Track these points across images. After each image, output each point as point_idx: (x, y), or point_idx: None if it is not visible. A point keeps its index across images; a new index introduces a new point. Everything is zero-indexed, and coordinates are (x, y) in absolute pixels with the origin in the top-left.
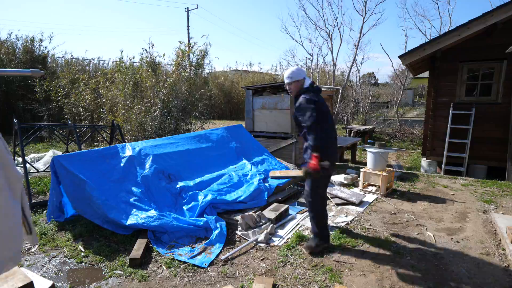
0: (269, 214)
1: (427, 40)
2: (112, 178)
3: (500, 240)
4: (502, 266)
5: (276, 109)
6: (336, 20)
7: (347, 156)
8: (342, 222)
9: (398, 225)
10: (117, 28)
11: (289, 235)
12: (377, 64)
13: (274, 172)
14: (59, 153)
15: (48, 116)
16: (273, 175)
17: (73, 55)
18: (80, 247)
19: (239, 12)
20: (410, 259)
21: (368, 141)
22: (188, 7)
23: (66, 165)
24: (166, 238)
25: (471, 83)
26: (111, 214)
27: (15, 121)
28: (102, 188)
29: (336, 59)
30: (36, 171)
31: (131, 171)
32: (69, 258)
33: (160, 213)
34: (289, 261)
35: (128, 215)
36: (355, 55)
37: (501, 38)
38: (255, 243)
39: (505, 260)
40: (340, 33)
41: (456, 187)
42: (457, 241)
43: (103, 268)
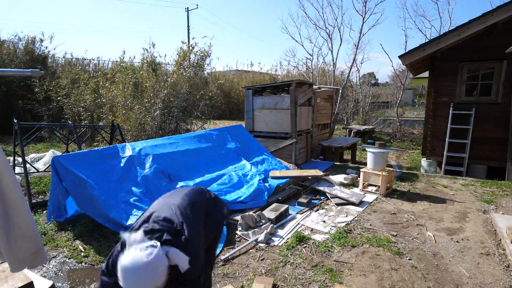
0: (269, 214)
1: (427, 40)
2: (112, 178)
3: (500, 240)
4: (502, 266)
5: (276, 109)
6: (336, 20)
7: (347, 156)
8: (342, 222)
9: (398, 225)
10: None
11: (289, 235)
12: (377, 64)
13: (274, 172)
14: (59, 153)
15: (48, 116)
16: (273, 175)
17: (73, 55)
18: (80, 247)
19: (239, 12)
20: (410, 259)
21: (368, 141)
22: (188, 7)
23: (66, 165)
24: None
25: (471, 83)
26: (112, 214)
27: (15, 121)
28: (103, 188)
29: (336, 59)
30: (36, 171)
31: (131, 171)
32: (69, 258)
33: None
34: (289, 261)
35: (129, 215)
36: (355, 55)
37: (501, 38)
38: (255, 243)
39: (505, 260)
40: (340, 33)
41: (456, 187)
42: (457, 241)
43: None
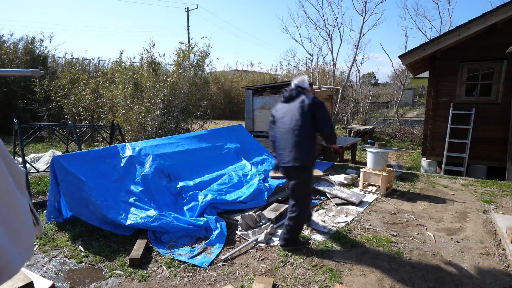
0: (269, 214)
1: (427, 40)
2: (112, 178)
3: (500, 240)
4: (502, 266)
5: None
6: (336, 20)
7: (347, 156)
8: (342, 222)
9: (398, 225)
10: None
11: None
12: (377, 64)
13: (274, 172)
14: (59, 153)
15: (48, 116)
16: (273, 175)
17: (73, 55)
18: (80, 247)
19: (239, 12)
20: (410, 259)
21: (368, 141)
22: (188, 7)
23: (66, 165)
24: (166, 238)
25: (471, 83)
26: (110, 214)
27: (15, 121)
28: (102, 188)
29: (336, 59)
30: (36, 171)
31: (131, 171)
32: (69, 258)
33: (160, 213)
34: (289, 261)
35: (128, 215)
36: (355, 55)
37: (501, 38)
38: (255, 243)
39: (505, 260)
40: (340, 33)
41: (456, 187)
42: (457, 241)
43: (103, 268)
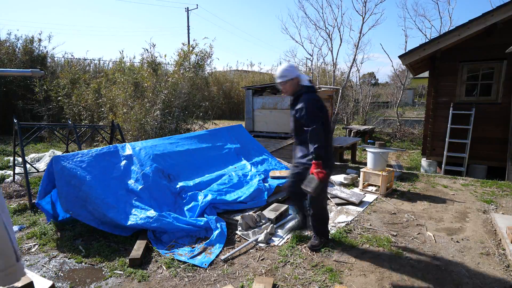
0: (269, 214)
1: (427, 40)
2: (112, 177)
3: (500, 240)
4: (502, 266)
5: (276, 109)
6: (336, 20)
7: (347, 156)
8: (342, 222)
9: (398, 225)
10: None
11: (289, 235)
12: (377, 64)
13: (274, 172)
14: (59, 153)
15: (48, 116)
16: (273, 175)
17: (74, 55)
18: (80, 247)
19: (240, 12)
20: (410, 259)
21: (368, 141)
22: (188, 7)
23: (65, 165)
24: (166, 238)
25: (471, 83)
26: (110, 213)
27: (15, 121)
28: (102, 187)
29: (336, 59)
30: (36, 171)
31: (131, 171)
32: (69, 258)
33: (160, 214)
34: (289, 261)
35: (128, 215)
36: (355, 55)
37: (501, 38)
38: (255, 243)
39: (505, 260)
40: (340, 33)
41: (456, 187)
42: (457, 241)
43: (103, 268)
